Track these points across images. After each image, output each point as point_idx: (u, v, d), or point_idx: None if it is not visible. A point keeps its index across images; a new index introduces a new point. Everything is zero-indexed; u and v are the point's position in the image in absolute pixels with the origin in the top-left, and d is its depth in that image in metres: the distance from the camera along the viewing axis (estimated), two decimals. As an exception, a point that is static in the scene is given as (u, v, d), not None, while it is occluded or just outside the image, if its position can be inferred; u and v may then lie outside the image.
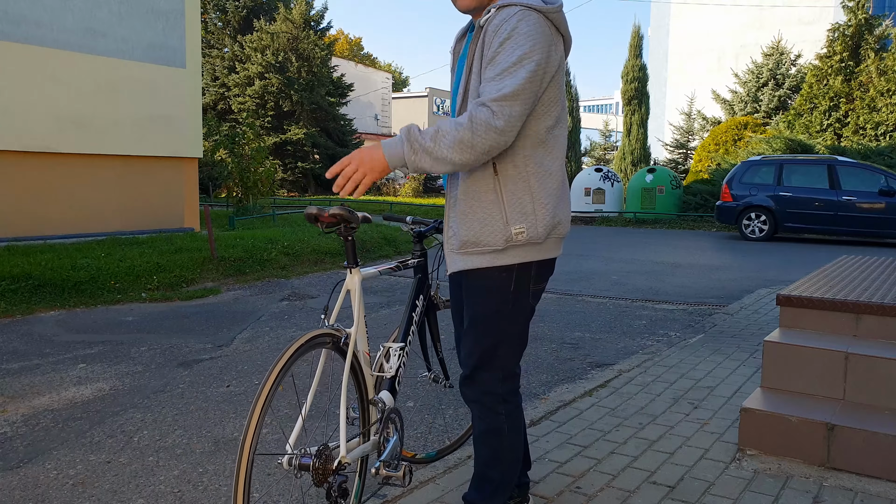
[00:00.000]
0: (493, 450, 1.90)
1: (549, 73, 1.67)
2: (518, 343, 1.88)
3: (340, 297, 2.00)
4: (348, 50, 52.51)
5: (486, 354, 1.86)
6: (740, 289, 6.85)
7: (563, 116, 1.78)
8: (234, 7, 29.93)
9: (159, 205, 10.09)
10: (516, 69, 1.61)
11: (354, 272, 2.01)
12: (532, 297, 1.86)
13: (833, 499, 2.27)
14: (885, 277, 3.49)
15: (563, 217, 1.80)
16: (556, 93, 1.74)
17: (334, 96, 30.27)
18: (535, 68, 1.62)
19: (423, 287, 2.40)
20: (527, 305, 1.85)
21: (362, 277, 2.04)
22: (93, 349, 4.49)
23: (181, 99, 10.14)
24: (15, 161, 8.53)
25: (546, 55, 1.64)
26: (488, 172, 1.75)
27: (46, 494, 2.46)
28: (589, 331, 5.04)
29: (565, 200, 1.82)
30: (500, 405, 1.88)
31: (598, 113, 58.83)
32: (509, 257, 1.77)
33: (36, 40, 8.50)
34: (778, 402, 2.69)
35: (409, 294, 2.37)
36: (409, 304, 2.35)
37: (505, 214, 1.73)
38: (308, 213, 1.90)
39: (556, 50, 1.69)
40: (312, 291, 6.67)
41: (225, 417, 3.23)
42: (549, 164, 1.76)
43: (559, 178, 1.79)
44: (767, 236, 12.19)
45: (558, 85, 1.74)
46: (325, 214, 1.89)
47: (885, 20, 18.29)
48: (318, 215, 1.90)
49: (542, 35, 1.64)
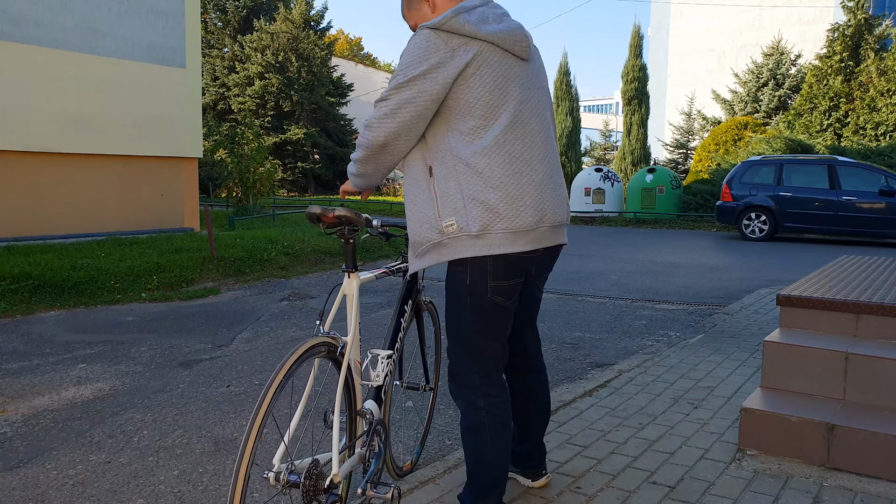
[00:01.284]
0: (475, 448, 1.93)
1: (442, 78, 1.75)
2: (490, 339, 1.90)
3: (337, 302, 1.96)
4: (348, 50, 52.51)
5: (460, 350, 1.92)
6: (740, 289, 6.85)
7: (499, 114, 1.80)
8: (234, 7, 29.93)
9: (159, 205, 10.09)
10: (393, 80, 1.80)
11: (353, 276, 1.98)
12: (494, 293, 1.85)
13: (833, 499, 2.27)
14: (885, 277, 3.49)
15: (506, 211, 1.78)
16: (478, 92, 1.78)
17: (334, 96, 30.28)
18: (409, 77, 1.76)
19: (411, 291, 2.32)
20: (488, 302, 1.85)
21: (360, 282, 2.01)
22: (93, 349, 4.49)
23: (181, 99, 10.14)
24: (15, 161, 8.53)
25: (430, 65, 1.75)
26: (423, 175, 1.86)
27: (46, 494, 2.46)
28: (589, 331, 5.04)
29: (518, 195, 1.80)
30: (479, 400, 1.91)
31: (598, 113, 58.82)
32: (456, 251, 1.81)
33: (36, 40, 8.50)
34: (778, 402, 2.69)
35: (398, 299, 2.28)
36: (396, 309, 2.26)
37: (437, 210, 1.81)
38: (310, 212, 1.87)
39: (455, 56, 1.76)
40: (312, 291, 6.67)
41: (225, 417, 3.23)
42: (484, 161, 1.78)
43: (502, 174, 1.79)
44: (767, 236, 12.19)
45: (483, 84, 1.78)
46: (328, 215, 1.86)
47: (885, 20, 18.29)
48: (322, 215, 1.86)
49: (424, 49, 1.76)
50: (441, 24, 1.77)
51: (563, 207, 1.96)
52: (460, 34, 1.78)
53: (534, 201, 1.83)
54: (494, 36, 1.82)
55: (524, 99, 1.86)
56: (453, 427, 3.13)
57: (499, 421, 1.91)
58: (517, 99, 1.84)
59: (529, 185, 1.83)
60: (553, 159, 1.94)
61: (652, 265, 8.65)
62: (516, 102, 1.84)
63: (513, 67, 1.86)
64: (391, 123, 1.79)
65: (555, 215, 1.89)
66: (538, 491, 2.33)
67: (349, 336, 1.95)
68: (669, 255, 9.72)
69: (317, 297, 6.39)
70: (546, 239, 1.89)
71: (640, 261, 9.08)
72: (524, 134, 1.84)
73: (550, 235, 1.90)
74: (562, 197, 1.95)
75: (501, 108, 1.81)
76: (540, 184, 1.85)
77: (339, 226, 1.90)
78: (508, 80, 1.83)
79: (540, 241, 1.86)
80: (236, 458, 1.61)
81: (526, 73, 1.90)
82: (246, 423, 3.15)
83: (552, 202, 1.88)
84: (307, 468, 1.73)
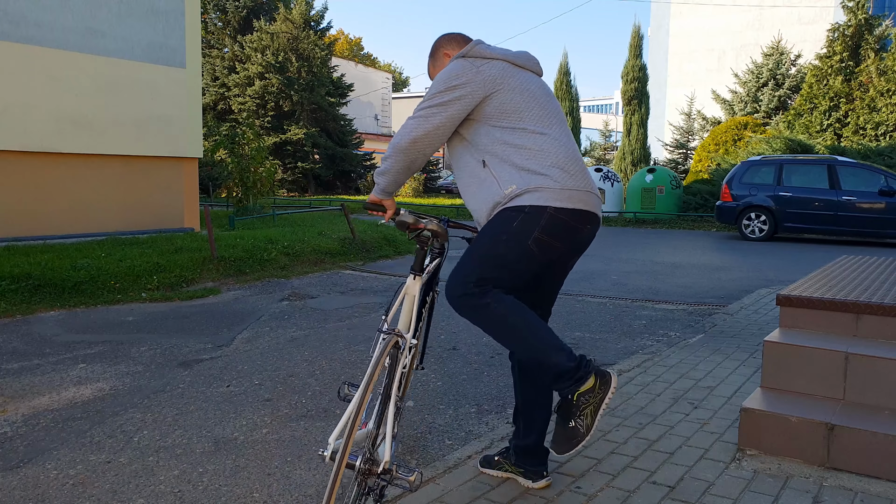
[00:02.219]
0: (510, 334, 2.04)
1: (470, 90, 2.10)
2: (505, 272, 2.04)
3: (398, 300, 2.15)
4: (348, 50, 52.52)
5: (468, 261, 2.06)
6: (740, 289, 6.85)
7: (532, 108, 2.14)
8: (234, 7, 29.93)
9: (159, 205, 10.09)
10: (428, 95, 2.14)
11: (418, 279, 2.15)
12: (535, 244, 2.02)
13: (833, 499, 2.27)
14: (885, 277, 3.50)
15: (558, 174, 2.07)
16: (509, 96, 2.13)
17: (334, 96, 30.27)
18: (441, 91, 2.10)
19: (432, 284, 2.36)
20: (525, 247, 2.02)
21: (420, 282, 2.16)
22: (93, 349, 4.49)
23: (181, 99, 10.14)
24: (15, 161, 8.53)
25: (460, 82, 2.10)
26: (479, 169, 2.15)
27: (46, 494, 2.46)
28: (589, 331, 5.04)
29: (566, 164, 2.10)
30: (478, 298, 2.01)
31: (598, 113, 58.84)
32: (519, 201, 2.04)
33: (36, 40, 8.50)
34: (778, 402, 2.69)
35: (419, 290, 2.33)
36: (418, 300, 2.30)
37: (498, 184, 2.09)
38: (403, 220, 2.07)
39: (480, 73, 2.12)
40: (312, 291, 6.67)
41: (225, 417, 3.23)
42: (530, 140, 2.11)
43: (549, 146, 2.11)
44: (767, 236, 12.19)
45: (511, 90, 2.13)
46: (420, 225, 2.10)
47: (885, 20, 18.29)
48: (413, 225, 2.08)
49: (454, 72, 2.12)
50: (467, 52, 2.17)
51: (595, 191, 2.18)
52: (483, 57, 2.17)
53: (577, 170, 2.11)
54: (511, 56, 2.21)
55: (545, 104, 2.18)
56: (453, 427, 3.13)
57: (510, 302, 2.01)
58: (541, 102, 2.17)
59: (571, 156, 2.13)
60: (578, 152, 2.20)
61: (652, 265, 8.66)
62: (542, 101, 2.18)
63: (532, 79, 2.22)
64: (426, 125, 2.09)
65: (593, 187, 2.16)
66: (538, 491, 2.34)
67: (410, 333, 2.12)
68: (669, 255, 9.72)
69: (317, 296, 6.39)
70: (590, 205, 2.11)
71: (640, 261, 9.08)
72: (553, 125, 2.16)
73: (592, 203, 2.12)
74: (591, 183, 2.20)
75: (532, 107, 2.14)
76: (577, 158, 2.15)
77: (427, 236, 2.12)
78: (531, 86, 2.18)
79: (587, 204, 2.09)
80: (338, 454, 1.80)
81: (544, 85, 2.27)
82: (246, 423, 3.15)
83: (586, 177, 2.15)
84: (365, 453, 1.91)
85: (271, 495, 2.46)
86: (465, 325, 5.15)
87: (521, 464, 2.37)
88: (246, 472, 2.65)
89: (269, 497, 2.45)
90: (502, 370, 4.01)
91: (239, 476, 2.62)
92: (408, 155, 2.11)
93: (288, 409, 3.36)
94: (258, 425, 3.13)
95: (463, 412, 3.33)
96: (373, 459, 1.93)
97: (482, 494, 2.32)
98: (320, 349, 4.48)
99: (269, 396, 3.54)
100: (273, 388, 3.68)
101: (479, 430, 3.09)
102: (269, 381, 3.79)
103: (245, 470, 2.67)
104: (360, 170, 30.93)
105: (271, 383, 3.76)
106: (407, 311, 2.15)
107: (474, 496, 2.31)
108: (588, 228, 2.13)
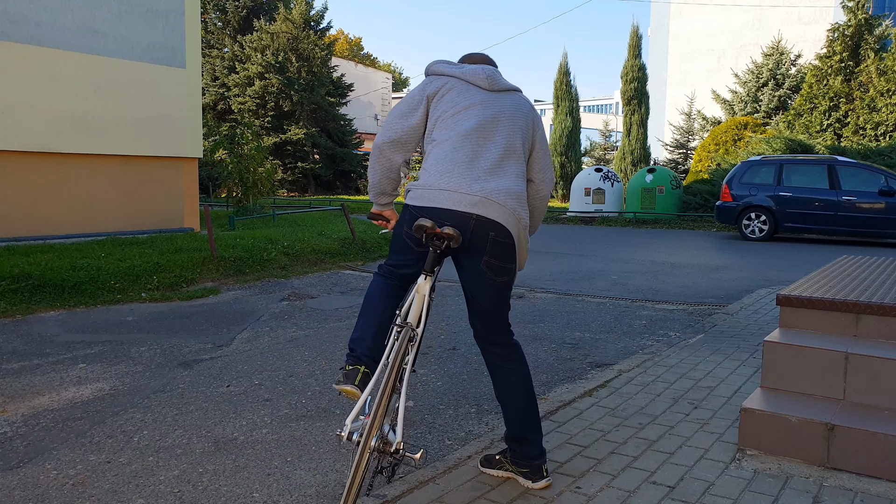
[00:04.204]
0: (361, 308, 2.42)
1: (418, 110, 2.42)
2: (392, 251, 2.42)
3: (411, 297, 2.30)
4: (348, 50, 52.51)
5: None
6: (740, 289, 6.85)
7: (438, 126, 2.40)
8: (234, 7, 29.93)
9: (159, 205, 10.09)
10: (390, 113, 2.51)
11: (428, 279, 2.26)
12: (406, 236, 2.33)
13: (833, 499, 2.27)
14: (885, 277, 3.50)
15: (420, 182, 2.36)
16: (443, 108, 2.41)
17: (334, 96, 30.29)
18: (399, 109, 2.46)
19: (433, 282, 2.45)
20: (401, 237, 2.36)
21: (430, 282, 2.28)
22: (93, 349, 4.49)
23: (181, 99, 10.14)
24: (15, 161, 8.53)
25: (410, 103, 2.45)
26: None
27: (46, 494, 2.46)
28: (589, 331, 5.04)
29: (431, 173, 2.33)
30: (379, 272, 2.41)
31: (598, 113, 58.83)
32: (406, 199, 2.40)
33: (36, 40, 8.50)
34: (778, 402, 2.69)
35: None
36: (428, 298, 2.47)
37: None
38: (422, 224, 2.15)
39: (424, 91, 2.44)
40: (312, 291, 6.67)
41: (225, 417, 3.23)
42: (427, 152, 2.41)
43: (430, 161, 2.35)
44: (767, 236, 12.19)
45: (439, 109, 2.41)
46: (436, 229, 2.15)
47: (884, 20, 18.28)
48: (430, 228, 2.15)
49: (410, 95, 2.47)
50: (426, 69, 2.53)
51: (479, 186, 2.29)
52: (434, 74, 2.49)
53: (444, 170, 2.31)
54: (458, 72, 2.44)
55: (482, 115, 2.36)
56: (453, 427, 3.13)
57: (372, 283, 2.40)
58: (477, 114, 2.36)
59: (445, 159, 2.33)
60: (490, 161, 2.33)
61: (652, 265, 8.66)
62: (476, 115, 2.36)
63: (476, 93, 2.40)
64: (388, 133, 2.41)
65: (465, 187, 2.27)
66: (538, 491, 2.34)
67: (421, 328, 2.27)
68: (669, 255, 9.72)
69: (317, 296, 6.39)
70: (450, 203, 2.24)
71: (640, 261, 9.08)
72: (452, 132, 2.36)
73: (454, 201, 2.25)
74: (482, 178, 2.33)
75: (440, 123, 2.38)
76: (456, 161, 2.32)
77: (443, 239, 2.18)
78: (459, 98, 2.37)
79: (442, 202, 2.24)
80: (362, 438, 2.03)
81: (488, 98, 2.41)
82: (246, 423, 3.15)
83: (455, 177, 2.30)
84: (380, 435, 2.07)
85: (271, 495, 2.46)
86: (465, 326, 5.15)
87: (517, 459, 2.38)
88: (246, 472, 2.65)
89: (269, 497, 2.45)
90: (502, 370, 4.01)
91: (239, 476, 2.62)
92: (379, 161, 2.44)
93: (288, 409, 3.36)
94: (258, 425, 3.13)
95: (463, 412, 3.33)
96: (386, 440, 2.09)
97: (482, 494, 2.32)
98: (320, 349, 4.48)
99: (269, 396, 3.54)
100: (273, 388, 3.68)
101: (479, 430, 3.09)
102: (269, 381, 3.79)
103: (245, 470, 2.67)
104: (360, 170, 30.93)
105: (271, 383, 3.76)
106: (417, 307, 2.26)
107: (474, 496, 2.31)
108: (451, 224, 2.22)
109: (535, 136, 2.50)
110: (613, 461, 2.59)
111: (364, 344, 2.24)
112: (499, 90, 2.45)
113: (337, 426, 3.10)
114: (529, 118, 2.48)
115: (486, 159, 2.31)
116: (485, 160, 2.31)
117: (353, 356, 2.22)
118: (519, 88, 2.55)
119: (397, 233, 2.39)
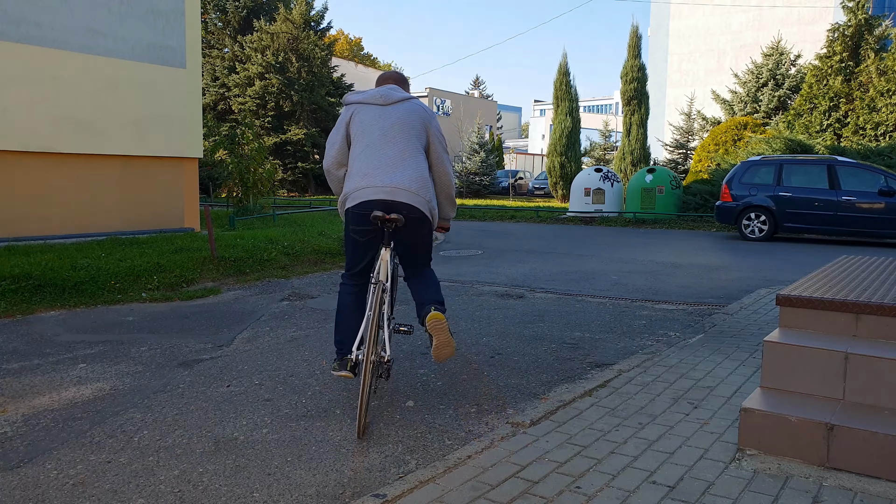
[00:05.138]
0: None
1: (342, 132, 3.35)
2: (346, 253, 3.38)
3: (378, 264, 3.16)
4: (348, 50, 52.52)
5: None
6: (740, 289, 6.85)
7: (354, 142, 3.31)
8: (234, 7, 29.94)
9: (159, 205, 10.09)
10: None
11: (387, 250, 3.15)
12: (354, 233, 3.21)
13: (833, 499, 2.27)
14: (885, 277, 3.50)
15: (348, 189, 3.22)
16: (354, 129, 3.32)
17: (334, 96, 30.27)
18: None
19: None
20: (350, 236, 3.25)
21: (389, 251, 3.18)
22: (93, 349, 4.49)
23: (181, 99, 10.14)
24: (15, 161, 8.53)
25: (337, 126, 3.37)
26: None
27: (46, 494, 2.46)
28: (589, 331, 5.04)
29: (353, 177, 3.22)
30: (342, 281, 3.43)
31: (597, 113, 58.84)
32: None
33: (36, 40, 8.50)
34: (778, 402, 2.69)
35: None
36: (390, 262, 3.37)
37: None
38: (376, 215, 2.98)
39: (343, 116, 3.34)
40: (312, 291, 6.67)
41: (225, 417, 3.24)
42: (351, 165, 3.30)
43: (353, 168, 3.26)
44: (767, 236, 12.19)
45: (352, 130, 3.31)
46: (387, 216, 3.00)
47: (885, 20, 18.27)
48: (382, 216, 2.99)
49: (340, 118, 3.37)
50: (343, 100, 3.42)
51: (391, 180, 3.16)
52: (348, 103, 3.38)
53: (368, 171, 3.19)
54: (363, 98, 3.32)
55: (382, 125, 3.25)
56: (453, 427, 3.13)
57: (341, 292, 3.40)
58: (378, 126, 3.24)
59: (367, 162, 3.23)
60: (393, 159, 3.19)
61: (652, 265, 8.66)
62: (370, 128, 3.26)
63: (374, 110, 3.26)
64: (326, 162, 3.40)
65: (385, 181, 3.14)
66: (538, 491, 2.33)
67: (389, 281, 3.17)
68: (669, 255, 9.72)
69: (317, 296, 6.39)
70: (377, 195, 3.11)
71: (640, 261, 9.08)
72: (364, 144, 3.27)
73: (381, 193, 3.11)
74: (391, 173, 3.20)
75: (356, 139, 3.28)
76: (375, 164, 3.19)
77: (392, 222, 3.03)
78: (367, 117, 3.26)
79: (372, 195, 3.11)
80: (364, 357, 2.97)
81: (384, 112, 3.26)
82: (246, 423, 3.15)
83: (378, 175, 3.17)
84: (375, 355, 3.04)
85: (271, 495, 2.46)
86: (465, 326, 5.15)
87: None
88: (246, 472, 2.65)
89: (269, 497, 2.45)
90: (502, 370, 4.01)
91: (239, 476, 2.62)
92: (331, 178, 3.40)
93: (288, 409, 3.36)
94: (258, 425, 3.14)
95: (463, 412, 3.33)
96: (381, 356, 3.07)
97: (482, 494, 2.32)
98: (320, 349, 4.48)
99: (269, 396, 3.54)
100: (273, 387, 3.68)
101: (479, 430, 3.09)
102: (269, 381, 3.79)
103: (245, 470, 2.67)
104: (360, 170, 30.89)
105: (271, 383, 3.76)
106: (384, 269, 3.12)
107: (474, 496, 2.31)
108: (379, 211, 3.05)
109: (430, 132, 3.29)
110: (613, 461, 2.60)
111: (347, 345, 3.22)
112: (392, 103, 3.26)
113: (337, 427, 3.11)
114: (421, 119, 3.26)
115: (391, 158, 3.15)
116: (390, 159, 3.15)
117: (342, 352, 3.27)
118: (412, 97, 3.35)
119: (345, 236, 3.24)
